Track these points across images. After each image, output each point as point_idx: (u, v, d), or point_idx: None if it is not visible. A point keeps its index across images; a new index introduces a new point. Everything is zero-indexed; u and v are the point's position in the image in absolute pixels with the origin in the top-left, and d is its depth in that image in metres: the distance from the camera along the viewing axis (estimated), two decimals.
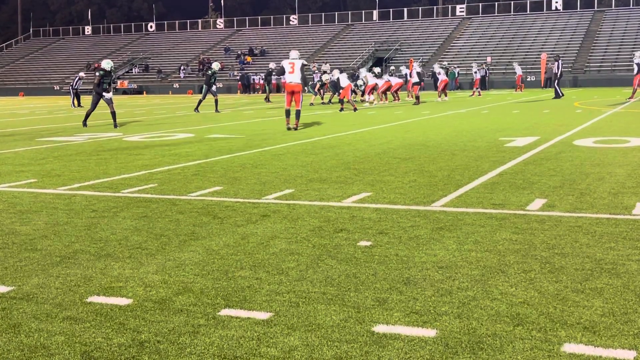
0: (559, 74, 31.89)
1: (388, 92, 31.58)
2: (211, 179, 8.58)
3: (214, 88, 26.29)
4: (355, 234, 5.45)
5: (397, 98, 32.25)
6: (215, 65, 27.11)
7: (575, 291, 3.94)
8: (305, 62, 16.50)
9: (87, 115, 19.05)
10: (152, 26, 79.87)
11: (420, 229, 5.60)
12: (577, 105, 24.76)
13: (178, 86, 62.22)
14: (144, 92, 61.99)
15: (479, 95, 37.51)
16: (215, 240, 5.35)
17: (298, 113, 15.86)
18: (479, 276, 4.28)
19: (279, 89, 55.20)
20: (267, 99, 35.44)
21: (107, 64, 18.71)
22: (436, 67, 34.66)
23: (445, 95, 33.04)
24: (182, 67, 65.96)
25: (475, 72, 39.50)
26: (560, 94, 31.02)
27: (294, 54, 16.19)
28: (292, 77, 15.64)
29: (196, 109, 26.10)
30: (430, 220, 5.93)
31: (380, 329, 3.44)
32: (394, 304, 3.79)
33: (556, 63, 31.98)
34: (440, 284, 4.13)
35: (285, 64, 15.89)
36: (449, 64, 49.91)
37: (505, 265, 4.49)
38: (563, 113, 20.68)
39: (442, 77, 32.89)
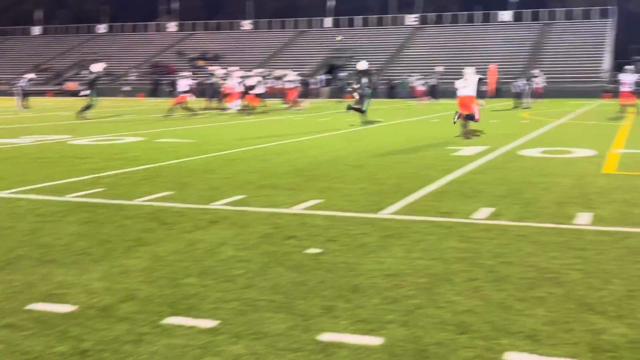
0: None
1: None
2: (160, 183, 8.48)
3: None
4: (305, 241, 5.45)
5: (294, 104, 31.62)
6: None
7: (519, 300, 4.01)
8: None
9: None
10: (103, 28, 78.69)
11: (369, 236, 5.63)
12: (524, 116, 25.24)
13: (129, 89, 61.41)
14: None
15: (425, 102, 38.16)
16: (163, 246, 5.28)
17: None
18: (425, 284, 4.31)
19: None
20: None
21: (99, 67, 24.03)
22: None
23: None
24: (133, 70, 65.13)
25: (419, 84, 40.33)
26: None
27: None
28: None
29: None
30: (379, 227, 5.96)
31: (326, 337, 3.44)
32: (341, 312, 3.80)
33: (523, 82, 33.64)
34: (387, 292, 4.15)
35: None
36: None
37: (451, 274, 4.54)
38: (511, 123, 21.07)
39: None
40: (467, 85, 15.52)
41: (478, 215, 6.46)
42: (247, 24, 74.47)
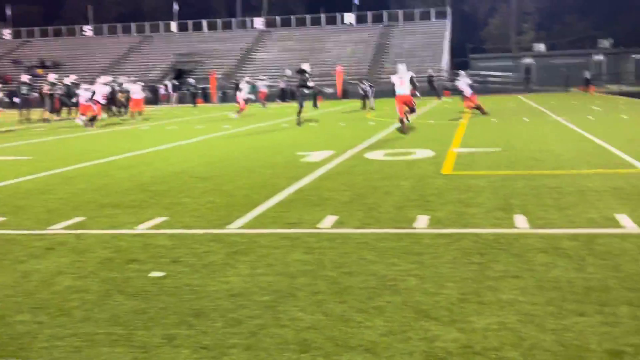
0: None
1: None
2: None
3: None
4: (147, 264, 5.30)
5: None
6: None
7: (359, 311, 4.10)
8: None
9: None
10: None
11: (215, 254, 5.56)
12: (369, 117, 25.94)
13: None
14: None
15: (264, 107, 38.85)
16: None
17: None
18: (269, 302, 4.32)
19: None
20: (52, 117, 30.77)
21: None
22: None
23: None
24: None
25: (263, 86, 41.27)
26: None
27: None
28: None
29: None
30: (226, 244, 5.90)
31: None
32: (183, 340, 3.72)
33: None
34: (231, 314, 4.12)
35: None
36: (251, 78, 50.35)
37: (295, 289, 4.57)
38: (357, 125, 21.62)
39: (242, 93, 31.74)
40: (403, 82, 16.98)
41: (323, 225, 6.55)
42: (88, 30, 71.77)
